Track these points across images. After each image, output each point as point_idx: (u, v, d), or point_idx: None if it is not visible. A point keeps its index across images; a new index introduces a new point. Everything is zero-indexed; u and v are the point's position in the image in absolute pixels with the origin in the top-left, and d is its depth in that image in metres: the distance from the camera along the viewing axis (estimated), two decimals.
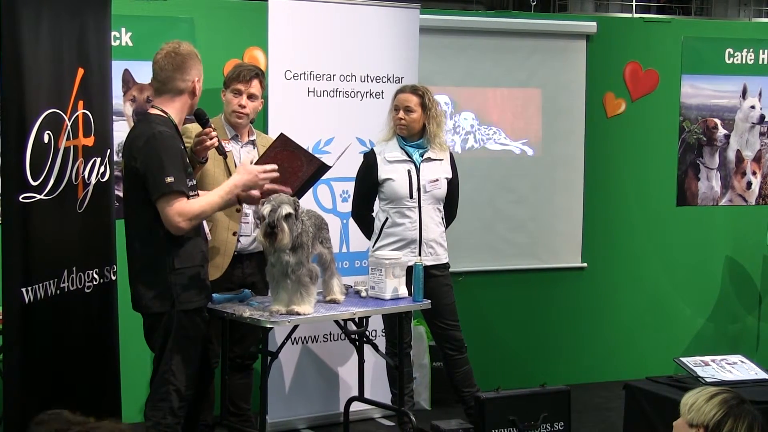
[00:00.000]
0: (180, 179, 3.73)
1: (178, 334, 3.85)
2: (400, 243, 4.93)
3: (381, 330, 5.37)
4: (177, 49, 3.92)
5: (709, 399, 2.81)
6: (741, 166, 6.66)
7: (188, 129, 4.36)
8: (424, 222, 4.94)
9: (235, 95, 4.64)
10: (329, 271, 4.30)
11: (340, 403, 5.11)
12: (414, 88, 5.00)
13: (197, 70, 3.94)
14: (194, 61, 3.95)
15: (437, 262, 4.99)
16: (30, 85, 3.66)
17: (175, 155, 3.77)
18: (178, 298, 3.82)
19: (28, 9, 3.63)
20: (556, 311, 6.32)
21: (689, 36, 6.52)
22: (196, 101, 3.99)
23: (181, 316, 3.84)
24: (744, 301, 6.72)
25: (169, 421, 3.87)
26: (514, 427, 4.77)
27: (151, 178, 3.73)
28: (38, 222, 3.71)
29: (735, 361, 4.76)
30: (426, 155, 4.98)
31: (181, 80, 3.90)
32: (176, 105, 3.91)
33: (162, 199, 3.72)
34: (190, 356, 3.89)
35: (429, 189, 4.94)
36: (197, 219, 3.79)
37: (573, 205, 6.32)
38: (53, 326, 3.83)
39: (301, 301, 4.00)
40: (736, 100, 6.62)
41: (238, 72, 4.66)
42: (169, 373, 3.86)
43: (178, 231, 3.74)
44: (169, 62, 3.89)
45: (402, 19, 5.43)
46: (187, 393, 3.89)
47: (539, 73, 6.20)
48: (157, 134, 3.76)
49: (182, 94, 3.92)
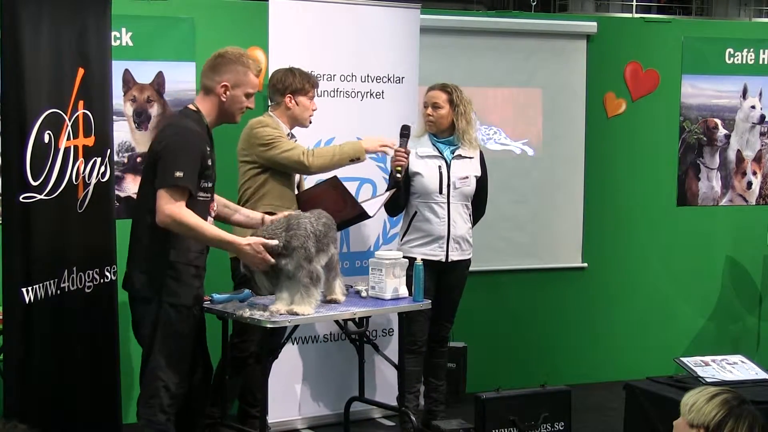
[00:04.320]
0: (190, 177, 3.77)
1: (166, 329, 3.86)
2: (428, 238, 4.97)
3: (381, 330, 5.38)
4: (225, 51, 4.01)
5: (709, 399, 2.80)
6: (741, 166, 6.66)
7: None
8: (452, 218, 4.97)
9: (311, 100, 4.83)
10: (333, 272, 4.30)
11: (340, 403, 5.10)
12: (443, 85, 5.06)
13: (233, 75, 3.94)
14: (233, 66, 3.95)
15: (462, 257, 5.04)
16: (30, 85, 3.66)
17: (195, 154, 3.81)
18: (166, 289, 3.84)
19: (28, 9, 3.63)
20: (557, 311, 6.32)
21: (690, 36, 6.52)
22: (229, 107, 3.97)
23: (168, 310, 3.85)
24: (744, 301, 6.72)
25: (159, 419, 3.87)
26: (514, 427, 4.77)
27: (161, 166, 3.78)
28: (38, 222, 3.72)
29: (735, 361, 4.76)
30: (457, 152, 5.02)
31: (210, 79, 3.96)
32: (207, 104, 3.97)
33: (164, 189, 3.75)
34: (180, 352, 3.89)
35: (459, 186, 4.98)
36: (182, 228, 3.77)
37: (573, 205, 6.32)
38: (53, 326, 3.83)
39: (302, 301, 4.00)
40: (737, 100, 6.62)
41: (313, 81, 4.85)
42: (158, 369, 3.87)
43: (159, 220, 3.77)
44: (210, 61, 4.01)
45: (402, 19, 5.43)
46: (177, 390, 3.89)
47: (540, 73, 6.20)
48: (186, 130, 3.84)
49: (211, 94, 3.97)
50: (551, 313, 6.31)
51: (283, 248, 3.94)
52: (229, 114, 4.01)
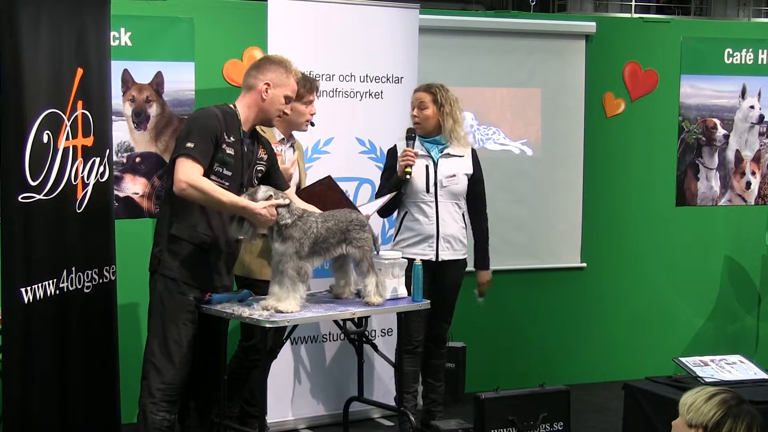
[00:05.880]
0: (199, 151, 3.85)
1: (160, 309, 3.92)
2: (417, 238, 4.97)
3: (381, 330, 5.38)
4: (270, 56, 4.27)
5: (708, 399, 2.81)
6: (740, 166, 6.66)
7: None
8: (441, 217, 4.96)
9: (306, 105, 4.75)
10: (360, 270, 4.29)
11: (339, 403, 5.10)
12: (428, 86, 5.05)
13: (276, 76, 4.06)
14: (276, 67, 4.08)
15: (454, 257, 5.01)
16: (29, 85, 3.66)
17: (207, 132, 3.90)
18: (163, 263, 3.92)
19: (27, 9, 3.63)
20: (556, 311, 6.32)
21: (688, 36, 6.52)
22: (269, 106, 4.06)
23: (162, 283, 3.90)
24: (743, 301, 6.72)
25: (144, 401, 3.89)
26: (513, 428, 4.77)
27: (179, 139, 3.94)
28: (37, 222, 3.72)
29: (734, 361, 4.76)
30: (445, 151, 5.01)
31: (253, 77, 4.07)
32: (245, 100, 4.08)
33: (179, 158, 3.86)
34: (174, 335, 3.91)
35: (446, 184, 4.97)
36: (197, 192, 3.83)
37: (572, 205, 6.32)
38: (53, 326, 3.84)
39: (287, 296, 4.00)
40: (736, 100, 6.62)
41: (310, 85, 4.77)
42: (148, 351, 3.93)
43: (176, 189, 3.85)
44: (255, 62, 4.19)
45: (402, 19, 5.43)
46: (170, 375, 3.88)
47: (539, 73, 6.20)
48: (206, 111, 3.99)
49: (252, 91, 4.07)
50: (550, 313, 6.31)
51: (283, 226, 3.98)
52: (268, 113, 4.09)
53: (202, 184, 3.83)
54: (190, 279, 3.96)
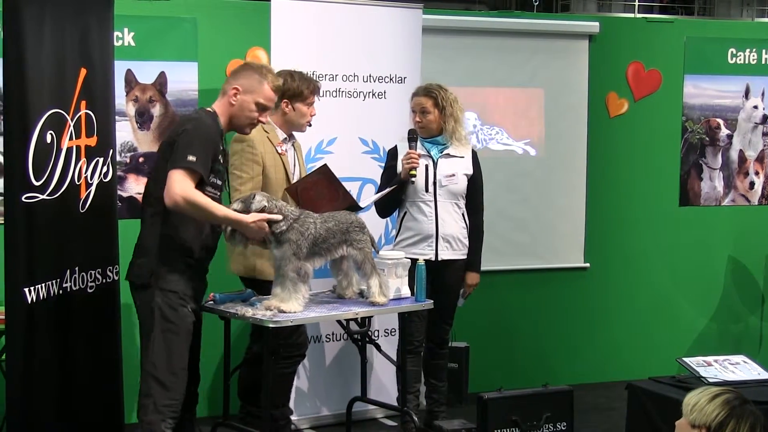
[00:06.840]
0: (202, 164, 3.79)
1: (162, 323, 3.86)
2: (417, 237, 4.96)
3: (384, 330, 5.38)
4: (250, 62, 4.31)
5: (711, 399, 2.80)
6: (744, 166, 6.65)
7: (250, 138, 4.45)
8: (440, 216, 4.95)
9: (309, 107, 4.74)
10: (363, 272, 4.30)
11: (342, 403, 5.10)
12: (427, 90, 5.01)
13: (248, 82, 4.00)
14: (251, 74, 4.02)
15: (454, 257, 5.00)
16: (33, 85, 3.67)
17: (209, 145, 3.85)
18: (161, 275, 3.86)
19: (31, 9, 3.64)
20: (559, 311, 6.32)
21: (692, 36, 6.52)
22: (238, 112, 4.00)
23: (162, 303, 3.85)
24: (747, 301, 6.72)
25: (150, 418, 3.82)
26: (516, 428, 4.77)
27: (177, 150, 3.79)
28: (41, 222, 3.72)
29: (738, 362, 4.75)
30: (446, 151, 5.01)
31: (227, 81, 4.06)
32: (218, 105, 4.03)
33: (176, 170, 3.75)
34: (178, 348, 3.88)
35: (445, 184, 4.96)
36: (192, 207, 3.76)
37: (575, 205, 6.32)
38: (56, 326, 3.84)
39: (289, 297, 4.00)
40: (739, 100, 6.62)
41: (313, 86, 4.74)
42: (150, 366, 3.87)
43: (169, 202, 3.75)
44: (233, 69, 4.15)
45: (405, 19, 5.42)
46: (175, 390, 3.85)
47: (542, 73, 6.20)
48: (204, 123, 3.90)
49: (224, 96, 4.03)
50: (553, 313, 6.30)
51: (279, 233, 3.97)
52: (238, 119, 4.02)
53: (198, 199, 3.77)
54: (189, 290, 3.94)
